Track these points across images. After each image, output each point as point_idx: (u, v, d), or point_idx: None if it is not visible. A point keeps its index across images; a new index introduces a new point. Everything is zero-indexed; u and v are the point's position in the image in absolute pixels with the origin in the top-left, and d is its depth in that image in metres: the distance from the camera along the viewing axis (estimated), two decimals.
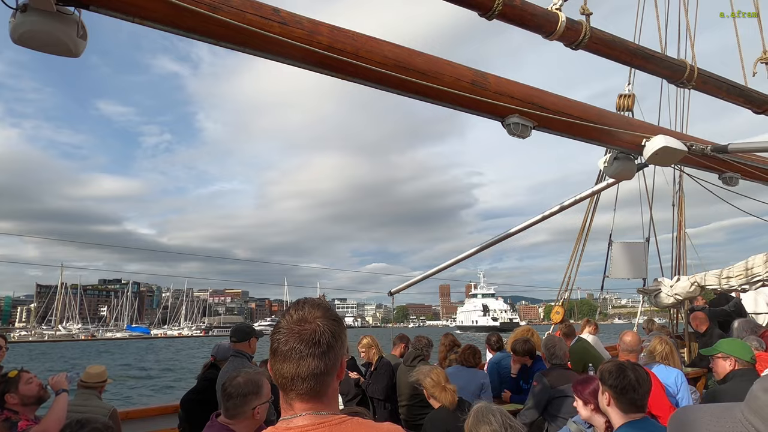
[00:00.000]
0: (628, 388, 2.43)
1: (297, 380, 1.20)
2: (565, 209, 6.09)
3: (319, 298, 1.37)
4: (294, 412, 1.23)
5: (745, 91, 4.50)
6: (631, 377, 2.45)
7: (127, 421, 4.71)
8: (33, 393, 3.51)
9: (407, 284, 7.68)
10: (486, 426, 2.39)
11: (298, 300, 1.32)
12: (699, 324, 7.52)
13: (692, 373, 6.61)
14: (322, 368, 1.21)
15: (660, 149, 3.80)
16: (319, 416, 1.21)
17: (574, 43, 3.51)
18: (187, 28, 2.41)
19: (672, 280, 8.24)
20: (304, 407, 1.22)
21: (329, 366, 1.22)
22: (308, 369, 1.20)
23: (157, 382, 26.22)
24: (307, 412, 1.21)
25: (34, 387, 3.54)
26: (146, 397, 20.86)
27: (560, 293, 9.13)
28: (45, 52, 2.27)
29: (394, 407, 5.21)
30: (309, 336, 1.21)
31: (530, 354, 5.36)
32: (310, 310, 1.26)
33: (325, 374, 1.22)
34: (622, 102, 7.94)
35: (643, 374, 2.50)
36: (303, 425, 1.20)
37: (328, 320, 1.25)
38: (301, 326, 1.22)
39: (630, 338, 4.74)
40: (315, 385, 1.21)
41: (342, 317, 1.35)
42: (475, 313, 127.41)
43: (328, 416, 1.22)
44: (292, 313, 1.27)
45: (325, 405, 1.24)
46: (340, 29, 2.74)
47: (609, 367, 2.58)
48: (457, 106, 3.20)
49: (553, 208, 6.14)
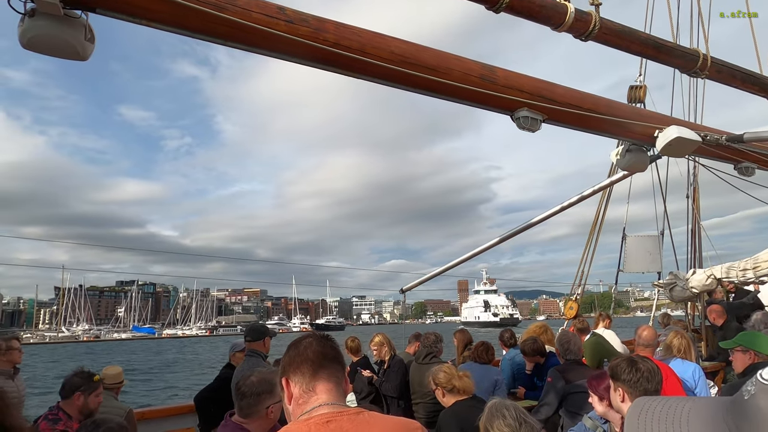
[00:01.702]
0: (642, 381, 2.39)
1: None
2: (575, 204, 6.01)
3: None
4: (316, 396, 1.32)
5: (760, 79, 4.40)
6: (643, 370, 2.42)
7: (143, 421, 4.76)
8: (94, 407, 3.41)
9: (419, 281, 7.65)
10: (500, 420, 2.37)
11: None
12: (716, 317, 7.41)
13: (710, 367, 6.51)
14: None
15: (673, 140, 3.73)
16: (338, 407, 1.28)
17: (584, 34, 3.45)
18: (194, 29, 2.41)
19: (688, 273, 8.13)
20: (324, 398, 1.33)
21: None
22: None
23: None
24: (326, 404, 1.29)
25: (98, 401, 3.46)
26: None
27: (573, 288, 9.05)
28: (54, 56, 2.28)
29: (407, 405, 5.20)
30: None
31: (540, 353, 5.32)
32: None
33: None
34: (633, 93, 7.83)
35: (653, 366, 2.47)
36: (323, 414, 1.26)
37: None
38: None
39: (647, 333, 4.69)
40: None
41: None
42: (477, 309, 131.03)
43: (346, 407, 1.30)
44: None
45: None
46: (346, 26, 2.73)
47: (619, 363, 2.55)
48: (466, 101, 3.16)
49: (563, 203, 6.08)
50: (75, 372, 3.51)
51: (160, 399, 20.55)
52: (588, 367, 4.67)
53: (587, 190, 5.98)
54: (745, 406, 0.56)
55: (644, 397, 0.69)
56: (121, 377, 4.32)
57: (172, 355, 48.12)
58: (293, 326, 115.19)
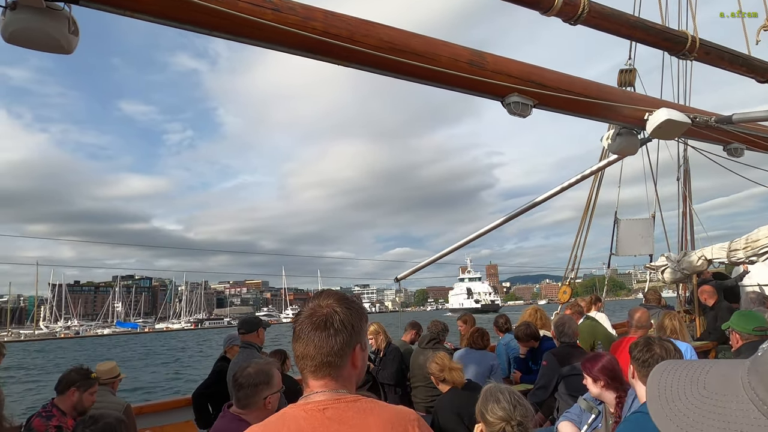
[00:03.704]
0: (650, 362, 2.44)
1: (306, 359, 1.30)
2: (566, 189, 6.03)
3: (339, 290, 1.48)
4: (310, 389, 1.31)
5: (748, 60, 4.42)
6: (656, 351, 2.47)
7: (141, 415, 4.77)
8: (87, 405, 3.40)
9: (414, 269, 7.68)
10: (495, 404, 2.40)
11: (321, 290, 1.45)
12: (707, 298, 7.51)
13: (701, 347, 6.60)
14: (327, 349, 1.29)
15: (663, 122, 3.75)
16: (335, 393, 1.29)
17: (573, 18, 3.44)
18: (179, 19, 2.37)
19: (679, 254, 8.22)
20: (317, 385, 1.31)
21: (335, 348, 1.29)
22: (315, 349, 1.29)
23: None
24: (323, 390, 1.29)
25: (92, 400, 3.46)
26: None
27: (567, 272, 9.12)
28: (37, 49, 2.24)
29: (404, 392, 5.25)
30: (318, 320, 1.31)
31: (533, 337, 5.36)
32: (326, 298, 1.37)
33: (332, 355, 1.29)
34: (623, 77, 7.83)
35: (669, 347, 2.52)
36: (320, 400, 1.27)
37: (341, 307, 1.34)
38: (314, 311, 1.33)
39: (640, 314, 4.75)
40: (323, 365, 1.29)
41: (364, 310, 1.43)
42: (461, 296, 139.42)
43: (343, 394, 1.29)
44: (312, 300, 1.39)
45: (340, 385, 1.31)
46: (335, 14, 2.70)
47: (638, 341, 2.64)
48: (456, 87, 3.16)
49: (552, 189, 6.10)
50: (72, 368, 3.51)
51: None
52: (583, 350, 4.72)
53: (577, 176, 6.01)
54: (757, 360, 0.59)
55: (669, 360, 0.72)
56: (116, 371, 4.30)
57: (132, 352, 43.86)
58: (284, 317, 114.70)
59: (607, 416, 3.06)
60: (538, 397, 4.30)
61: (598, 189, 8.95)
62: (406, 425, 1.29)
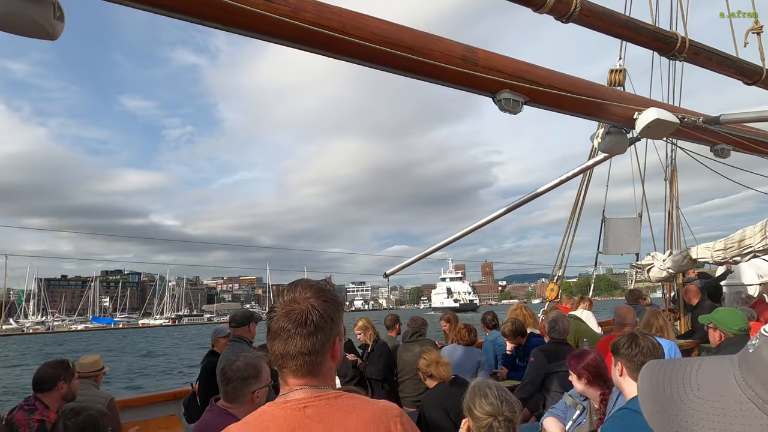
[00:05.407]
0: (639, 356, 2.41)
1: (287, 358, 1.24)
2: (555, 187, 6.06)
3: (315, 280, 1.37)
4: (289, 387, 1.27)
5: (736, 62, 4.47)
6: (642, 345, 2.45)
7: (125, 409, 4.72)
8: (75, 390, 3.48)
9: (402, 265, 7.68)
10: (482, 399, 2.41)
11: (293, 281, 1.34)
12: (691, 297, 7.62)
13: (685, 345, 6.69)
14: (309, 347, 1.24)
15: (652, 122, 3.78)
16: (315, 390, 1.25)
17: (565, 16, 3.45)
18: (168, 7, 2.33)
19: (665, 254, 8.31)
20: (297, 383, 1.26)
21: (317, 345, 1.25)
22: (296, 348, 1.23)
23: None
24: (302, 387, 1.25)
25: (77, 384, 3.55)
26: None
27: (554, 270, 9.18)
28: (21, 35, 2.18)
29: (391, 387, 5.25)
30: (296, 316, 1.23)
31: (520, 334, 5.39)
32: (302, 291, 1.28)
33: (313, 353, 1.24)
34: (613, 77, 7.91)
35: (654, 342, 2.50)
36: (299, 398, 1.23)
37: (319, 300, 1.27)
38: (290, 306, 1.25)
39: (624, 312, 4.79)
40: (304, 363, 1.24)
41: (340, 299, 1.35)
42: (442, 295, 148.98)
43: (324, 390, 1.26)
44: (285, 293, 1.30)
45: (320, 381, 1.27)
46: (326, 5, 2.67)
47: (621, 338, 2.59)
48: (448, 82, 3.15)
49: (539, 188, 6.13)
50: (47, 364, 3.47)
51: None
52: (572, 347, 4.75)
53: (568, 173, 6.05)
54: (749, 358, 0.59)
55: (655, 361, 0.72)
56: (100, 365, 4.25)
57: (90, 350, 42.76)
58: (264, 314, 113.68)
59: (591, 412, 3.09)
60: (525, 393, 4.32)
61: (586, 188, 9.02)
62: (388, 421, 1.25)
